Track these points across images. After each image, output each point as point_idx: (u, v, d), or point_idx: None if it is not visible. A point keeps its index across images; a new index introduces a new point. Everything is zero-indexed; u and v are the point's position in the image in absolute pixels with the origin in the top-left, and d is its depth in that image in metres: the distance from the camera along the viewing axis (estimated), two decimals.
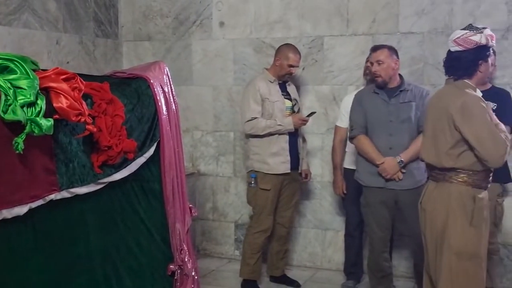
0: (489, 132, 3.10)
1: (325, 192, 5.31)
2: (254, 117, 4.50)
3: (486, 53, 3.26)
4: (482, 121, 3.12)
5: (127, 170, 3.19)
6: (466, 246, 3.18)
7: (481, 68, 3.26)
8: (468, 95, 3.18)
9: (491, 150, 3.08)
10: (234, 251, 5.65)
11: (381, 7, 4.99)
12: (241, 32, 5.46)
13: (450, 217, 3.20)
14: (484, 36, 3.21)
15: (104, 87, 3.01)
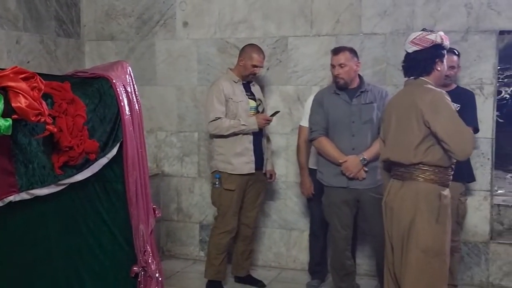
0: (457, 125, 3.21)
1: (289, 192, 5.33)
2: (218, 117, 4.49)
3: (441, 52, 3.39)
4: (450, 115, 3.22)
5: (89, 171, 3.14)
6: (433, 243, 3.25)
7: (438, 66, 3.37)
8: (435, 91, 3.29)
9: (459, 143, 3.18)
10: (199, 252, 5.62)
11: (344, 8, 5.04)
12: (205, 32, 5.44)
13: (418, 215, 3.25)
14: (439, 36, 3.36)
15: (65, 86, 2.96)
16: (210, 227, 5.17)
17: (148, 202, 3.58)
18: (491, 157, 4.81)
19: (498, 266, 4.84)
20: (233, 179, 4.54)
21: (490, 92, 4.76)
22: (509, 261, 4.81)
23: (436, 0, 4.81)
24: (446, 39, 3.41)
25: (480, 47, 4.75)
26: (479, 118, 4.69)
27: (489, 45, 4.74)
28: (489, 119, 4.77)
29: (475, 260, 4.88)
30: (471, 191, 4.82)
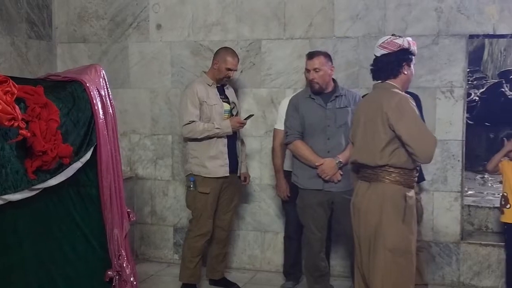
0: (421, 129, 3.28)
1: (264, 194, 5.35)
2: (192, 120, 4.49)
3: (408, 56, 3.46)
4: (414, 119, 3.28)
5: (63, 176, 3.12)
6: (400, 243, 3.31)
7: (405, 70, 3.44)
8: (401, 95, 3.36)
9: (422, 147, 3.23)
10: (173, 255, 5.61)
11: (316, 11, 5.08)
12: (178, 34, 5.43)
13: (384, 216, 3.31)
14: (407, 41, 3.44)
15: (38, 90, 2.94)
16: (184, 230, 5.16)
17: (123, 206, 3.57)
18: (461, 159, 4.89)
19: (469, 266, 4.92)
20: (207, 182, 4.55)
21: (460, 95, 4.84)
22: (479, 261, 4.90)
23: (407, 4, 4.88)
24: (414, 44, 3.48)
25: (450, 50, 4.83)
26: (449, 121, 4.81)
27: (459, 49, 4.82)
28: (459, 121, 4.85)
29: (446, 260, 4.96)
30: (440, 192, 4.89)
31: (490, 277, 4.88)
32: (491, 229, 5.33)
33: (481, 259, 4.90)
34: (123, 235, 3.54)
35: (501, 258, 4.83)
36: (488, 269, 4.88)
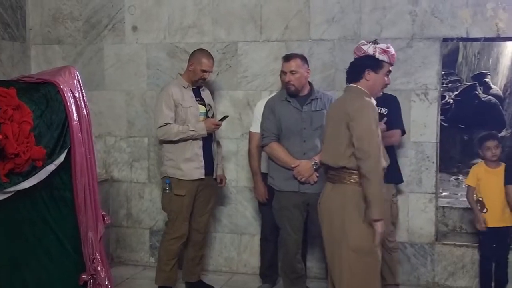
0: (370, 140, 3.32)
1: (240, 197, 5.35)
2: (166, 122, 4.47)
3: (373, 63, 3.52)
4: (368, 124, 3.33)
5: (36, 178, 3.10)
6: (362, 242, 3.37)
7: (368, 76, 3.51)
8: (363, 100, 3.44)
9: (366, 152, 3.30)
10: (149, 258, 5.58)
11: (293, 14, 5.10)
12: (154, 36, 5.41)
13: (346, 216, 3.40)
14: (373, 48, 3.53)
15: (10, 92, 2.92)
16: (160, 233, 5.14)
17: (97, 209, 3.55)
18: (436, 161, 4.95)
19: (443, 267, 4.98)
20: (183, 185, 4.53)
21: (435, 97, 4.89)
22: (454, 261, 4.95)
23: (382, 8, 4.92)
24: (382, 52, 3.53)
25: (424, 53, 4.88)
26: (423, 123, 4.86)
27: (433, 52, 4.87)
28: (433, 123, 4.91)
29: (421, 261, 5.00)
30: (415, 194, 4.94)
31: (464, 278, 4.94)
32: (465, 230, 5.39)
33: (455, 259, 4.96)
34: (97, 238, 3.52)
35: (475, 259, 4.89)
36: (462, 270, 4.94)
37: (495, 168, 4.67)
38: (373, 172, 3.29)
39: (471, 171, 4.83)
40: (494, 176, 4.63)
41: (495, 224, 4.61)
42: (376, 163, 3.31)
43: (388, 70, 3.57)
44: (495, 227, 4.61)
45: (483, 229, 4.64)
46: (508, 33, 4.77)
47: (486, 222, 4.62)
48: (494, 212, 4.61)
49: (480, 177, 4.68)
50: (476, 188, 4.71)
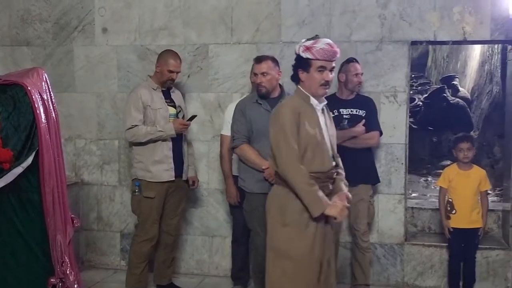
0: (280, 142, 3.28)
1: (211, 199, 5.34)
2: (134, 124, 4.46)
3: (301, 62, 3.37)
4: (281, 129, 3.28)
5: (3, 181, 3.07)
6: (279, 244, 3.36)
7: (301, 76, 3.38)
8: (282, 103, 3.45)
9: (277, 159, 3.30)
10: (120, 261, 5.54)
11: (264, 17, 5.12)
12: (125, 38, 5.39)
13: (269, 216, 3.45)
14: (298, 46, 3.41)
15: None
16: (131, 236, 5.11)
17: (66, 212, 3.52)
18: (405, 162, 5.01)
19: (412, 267, 5.04)
20: (152, 187, 4.52)
21: (403, 100, 4.95)
22: (422, 261, 5.02)
23: (352, 11, 4.97)
24: (305, 50, 3.34)
25: (393, 56, 4.95)
26: (393, 125, 4.92)
27: (401, 55, 4.94)
28: (402, 125, 4.97)
29: (391, 261, 5.06)
30: (385, 195, 5.00)
31: (433, 277, 5.01)
32: (434, 230, 5.47)
33: (424, 259, 5.03)
34: (66, 241, 3.49)
35: (443, 259, 4.97)
36: (431, 269, 5.01)
37: (467, 170, 4.72)
38: (288, 177, 3.26)
39: (443, 172, 4.88)
40: (465, 178, 4.69)
41: (463, 226, 4.67)
42: (286, 169, 3.26)
43: (321, 66, 3.32)
44: (464, 228, 4.67)
45: (447, 235, 4.72)
46: (474, 36, 4.86)
47: (450, 228, 4.70)
48: (463, 214, 4.67)
49: (452, 179, 4.73)
50: (448, 189, 4.76)
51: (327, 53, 3.30)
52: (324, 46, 3.30)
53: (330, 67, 3.36)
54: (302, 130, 3.30)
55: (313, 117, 3.38)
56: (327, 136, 3.43)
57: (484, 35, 4.85)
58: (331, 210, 3.26)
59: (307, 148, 3.30)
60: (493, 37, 4.85)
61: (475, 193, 4.67)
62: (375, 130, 4.58)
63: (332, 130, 3.54)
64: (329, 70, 3.36)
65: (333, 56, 3.34)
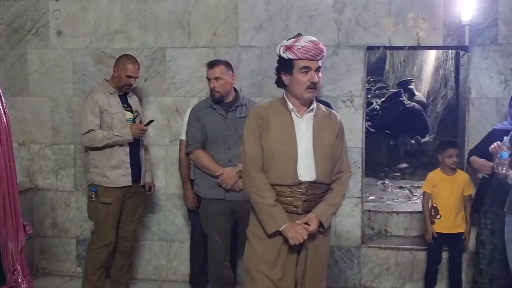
0: (244, 146, 3.13)
1: (169, 203, 5.31)
2: (91, 129, 4.39)
3: (283, 64, 3.09)
4: (244, 134, 3.15)
5: None
6: (244, 260, 3.23)
7: (285, 80, 3.10)
8: (254, 107, 3.36)
9: (242, 164, 3.18)
10: (76, 268, 5.45)
11: (221, 21, 5.12)
12: (80, 41, 5.31)
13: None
14: (279, 47, 3.11)
15: None
16: (87, 242, 5.02)
17: (18, 219, 3.44)
18: (361, 166, 5.07)
19: (369, 269, 5.10)
20: (109, 192, 4.46)
21: (360, 104, 5.01)
22: (379, 264, 5.08)
23: (308, 16, 5.01)
24: (286, 49, 3.05)
25: (350, 61, 5.01)
26: (349, 129, 4.97)
27: (357, 59, 5.00)
28: (358, 129, 5.03)
29: (348, 264, 5.11)
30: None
31: (389, 279, 5.08)
32: (390, 233, 5.54)
33: (380, 262, 5.09)
34: (18, 249, 3.41)
35: (399, 261, 5.05)
36: (387, 271, 5.08)
37: (451, 175, 4.74)
38: (243, 185, 3.17)
39: (427, 177, 4.87)
40: (449, 183, 4.72)
41: (448, 231, 4.70)
42: (243, 175, 3.18)
43: (305, 67, 3.03)
44: (448, 233, 4.70)
45: (429, 240, 4.76)
46: (428, 42, 4.96)
47: (434, 233, 4.72)
48: (447, 218, 4.69)
49: (436, 184, 4.75)
50: (432, 194, 4.78)
51: (310, 51, 3.00)
52: (306, 43, 3.02)
53: (316, 67, 3.05)
54: (266, 136, 3.07)
55: (286, 124, 3.09)
56: (306, 147, 3.08)
57: (437, 41, 4.95)
58: (287, 231, 3.00)
59: (271, 157, 3.06)
60: (446, 43, 4.96)
61: (459, 198, 4.69)
62: None
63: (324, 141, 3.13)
64: (315, 71, 3.05)
65: (317, 54, 3.03)
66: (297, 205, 3.08)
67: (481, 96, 4.88)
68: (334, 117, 3.26)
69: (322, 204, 3.10)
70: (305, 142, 3.09)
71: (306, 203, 3.08)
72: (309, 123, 3.13)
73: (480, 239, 4.55)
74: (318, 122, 3.15)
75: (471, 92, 4.90)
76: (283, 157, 3.05)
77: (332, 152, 3.15)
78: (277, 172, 3.06)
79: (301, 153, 3.07)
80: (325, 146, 3.11)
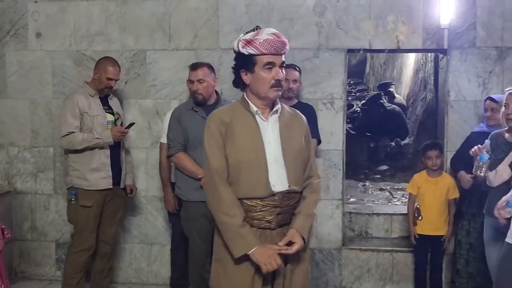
0: (207, 157, 2.75)
1: (150, 206, 5.28)
2: (70, 131, 4.36)
3: (243, 61, 2.73)
4: (205, 143, 2.77)
5: None
6: (210, 282, 2.91)
7: (246, 79, 2.75)
8: (213, 112, 2.89)
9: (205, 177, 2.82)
10: (55, 272, 5.40)
11: (202, 23, 5.11)
12: (60, 44, 5.27)
13: None
14: (237, 41, 2.75)
15: None
16: (67, 246, 4.97)
17: None
18: (342, 168, 5.09)
19: (350, 271, 5.12)
20: (89, 195, 4.43)
21: (340, 106, 5.04)
22: (360, 265, 5.11)
23: (289, 19, 5.03)
24: (246, 44, 2.70)
25: (330, 64, 5.03)
26: (330, 132, 4.99)
27: (338, 62, 5.02)
28: (339, 132, 5.05)
29: (329, 266, 5.13)
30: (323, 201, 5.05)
31: (369, 281, 5.10)
32: (371, 235, 5.57)
33: (361, 263, 5.11)
34: None
35: (379, 262, 5.08)
36: (368, 273, 5.11)
37: (435, 177, 4.76)
38: (207, 202, 2.80)
39: (412, 179, 4.90)
40: (433, 185, 4.73)
41: (430, 232, 4.72)
42: (205, 191, 2.82)
43: (268, 63, 2.69)
44: (430, 235, 4.72)
45: (413, 242, 4.78)
46: (407, 45, 5.00)
47: (416, 234, 4.74)
48: (429, 220, 4.71)
49: (420, 185, 4.77)
50: (416, 196, 4.80)
51: (274, 44, 2.67)
52: (269, 36, 2.68)
53: (280, 62, 2.72)
54: (232, 145, 2.71)
55: (252, 129, 2.75)
56: (275, 153, 2.75)
57: (416, 44, 4.99)
58: (257, 255, 2.64)
59: (237, 168, 2.70)
60: (425, 46, 5.00)
61: (443, 201, 4.69)
62: (313, 138, 4.62)
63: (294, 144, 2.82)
64: (279, 67, 2.72)
65: (281, 48, 2.71)
66: (270, 219, 2.73)
67: (459, 99, 4.93)
68: (300, 117, 2.94)
69: (300, 216, 2.78)
70: (273, 147, 2.75)
71: (280, 216, 2.74)
72: (275, 125, 2.79)
73: (457, 240, 4.60)
74: (285, 124, 2.82)
75: (450, 95, 4.95)
76: (252, 166, 2.70)
77: (303, 156, 2.84)
78: (246, 184, 2.70)
79: (270, 160, 2.72)
80: (295, 150, 2.80)
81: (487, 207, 3.95)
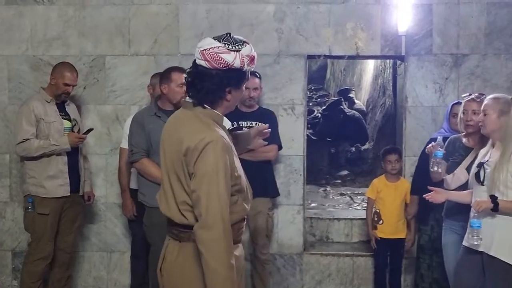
0: (216, 194, 2.31)
1: (109, 213, 5.21)
2: (26, 138, 4.29)
3: (238, 78, 2.47)
4: (214, 174, 2.32)
5: None
6: None
7: (229, 96, 2.48)
8: (210, 133, 2.37)
9: (207, 213, 2.31)
10: (11, 281, 5.27)
11: (161, 29, 5.08)
12: (16, 48, 5.17)
13: None
14: (240, 58, 2.42)
15: None
16: (24, 254, 4.87)
17: None
18: (303, 173, 5.12)
19: (311, 276, 5.15)
20: (46, 203, 4.35)
21: (301, 112, 5.07)
22: (321, 270, 5.14)
23: (249, 25, 5.04)
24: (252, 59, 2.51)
25: (291, 69, 5.06)
26: (291, 137, 5.02)
27: (298, 68, 5.06)
28: (300, 137, 5.08)
29: (290, 271, 5.14)
30: (284, 206, 5.08)
31: (330, 285, 5.14)
32: (331, 239, 5.61)
33: (322, 268, 5.15)
34: None
35: (340, 267, 5.12)
36: (328, 278, 5.14)
37: (394, 182, 4.82)
38: (209, 247, 2.31)
39: (371, 183, 4.95)
40: (392, 189, 4.79)
41: (389, 236, 4.78)
42: (212, 229, 2.30)
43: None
44: (390, 238, 4.78)
45: (373, 245, 4.83)
46: (366, 51, 5.07)
47: (377, 238, 4.79)
48: (389, 224, 4.77)
49: (380, 190, 4.83)
50: (375, 200, 4.85)
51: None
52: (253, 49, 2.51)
53: None
54: (234, 170, 2.44)
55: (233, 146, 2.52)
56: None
57: (375, 51, 5.07)
58: None
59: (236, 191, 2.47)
60: (384, 53, 5.08)
61: (401, 204, 4.77)
62: (274, 144, 4.63)
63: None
64: None
65: None
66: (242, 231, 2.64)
67: (417, 105, 5.02)
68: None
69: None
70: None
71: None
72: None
73: (419, 244, 4.67)
74: None
75: (408, 101, 5.03)
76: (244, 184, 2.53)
77: None
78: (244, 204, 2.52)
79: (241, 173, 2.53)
80: None
81: (446, 211, 4.03)
